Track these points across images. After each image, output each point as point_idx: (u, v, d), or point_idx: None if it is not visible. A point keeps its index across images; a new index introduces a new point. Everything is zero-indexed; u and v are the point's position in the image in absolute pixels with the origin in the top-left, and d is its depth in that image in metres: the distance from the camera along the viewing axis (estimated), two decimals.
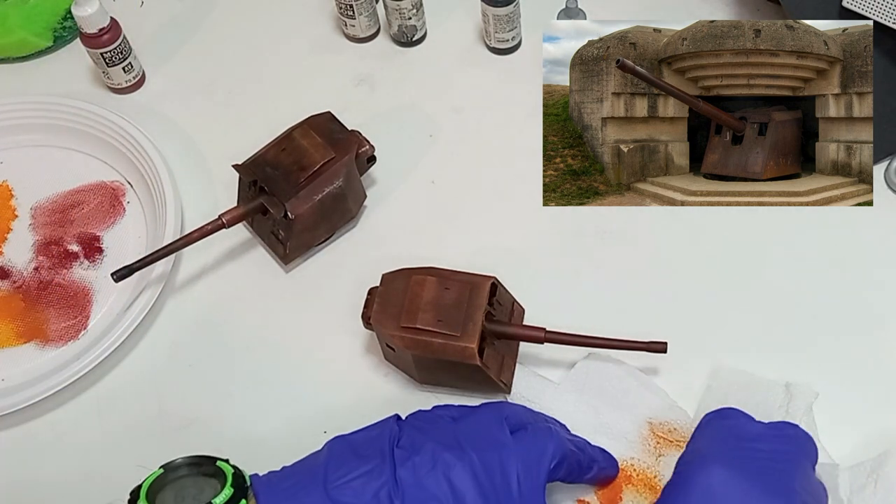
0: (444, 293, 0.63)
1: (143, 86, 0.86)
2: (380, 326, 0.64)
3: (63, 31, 0.88)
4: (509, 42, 0.84)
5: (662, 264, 0.73)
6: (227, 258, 0.76)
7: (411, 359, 0.64)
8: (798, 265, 0.72)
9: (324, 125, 0.74)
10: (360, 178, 0.75)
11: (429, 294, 0.63)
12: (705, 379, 0.66)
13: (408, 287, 0.64)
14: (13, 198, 0.81)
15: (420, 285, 0.64)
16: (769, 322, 0.69)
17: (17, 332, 0.74)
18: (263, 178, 0.71)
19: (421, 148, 0.80)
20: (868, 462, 0.61)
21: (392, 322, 0.63)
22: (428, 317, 0.63)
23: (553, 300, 0.70)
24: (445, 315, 0.62)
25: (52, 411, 0.70)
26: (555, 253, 0.74)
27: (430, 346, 0.62)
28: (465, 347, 0.62)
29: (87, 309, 0.75)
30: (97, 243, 0.78)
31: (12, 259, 0.77)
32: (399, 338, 0.63)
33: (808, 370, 0.66)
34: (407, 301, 0.63)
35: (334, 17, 0.88)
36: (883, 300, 0.70)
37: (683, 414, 0.64)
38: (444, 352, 0.62)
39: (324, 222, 0.73)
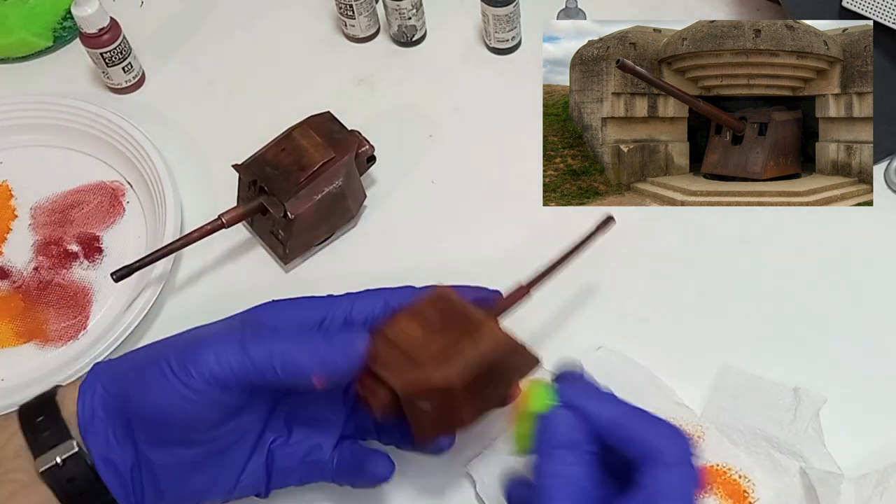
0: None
1: (142, 86, 0.86)
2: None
3: (63, 31, 0.88)
4: (509, 42, 0.84)
5: (662, 264, 0.73)
6: (227, 258, 0.76)
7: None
8: (798, 265, 0.72)
9: (323, 125, 0.74)
10: (359, 178, 0.75)
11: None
12: (707, 379, 0.66)
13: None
14: (13, 198, 0.81)
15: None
16: (769, 322, 0.69)
17: (17, 332, 0.74)
18: (263, 178, 0.71)
19: (421, 148, 0.80)
20: (874, 474, 0.60)
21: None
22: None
23: (553, 301, 0.70)
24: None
25: None
26: (555, 253, 0.74)
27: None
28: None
29: (87, 309, 0.75)
30: (97, 243, 0.78)
31: (12, 259, 0.77)
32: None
33: (810, 372, 0.66)
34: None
35: (334, 17, 0.88)
36: (883, 300, 0.70)
37: (689, 412, 0.64)
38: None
39: (323, 222, 0.73)
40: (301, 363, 0.51)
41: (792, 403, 0.63)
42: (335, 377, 0.52)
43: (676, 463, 0.46)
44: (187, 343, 0.53)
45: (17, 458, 0.52)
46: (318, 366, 0.51)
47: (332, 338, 0.53)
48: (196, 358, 0.51)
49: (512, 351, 0.55)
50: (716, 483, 0.62)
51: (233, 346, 0.51)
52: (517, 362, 0.56)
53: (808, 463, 0.61)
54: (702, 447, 0.63)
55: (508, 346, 0.55)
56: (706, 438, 0.63)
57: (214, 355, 0.51)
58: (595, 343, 0.68)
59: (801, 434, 0.62)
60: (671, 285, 0.71)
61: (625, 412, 0.48)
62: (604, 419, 0.47)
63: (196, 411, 0.51)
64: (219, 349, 0.51)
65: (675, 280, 0.72)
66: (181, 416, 0.51)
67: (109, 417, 0.52)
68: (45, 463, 0.51)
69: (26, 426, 0.53)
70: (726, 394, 0.65)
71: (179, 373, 0.50)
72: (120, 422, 0.52)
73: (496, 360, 0.54)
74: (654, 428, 0.47)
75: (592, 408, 0.48)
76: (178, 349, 0.52)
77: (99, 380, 0.53)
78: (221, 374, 0.50)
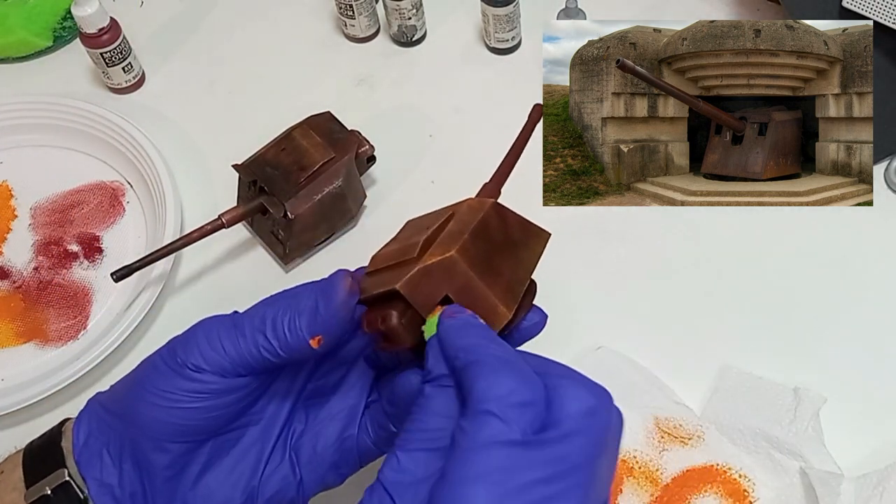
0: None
1: (142, 86, 0.86)
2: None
3: (63, 31, 0.88)
4: (509, 42, 0.84)
5: (662, 264, 0.73)
6: (226, 258, 0.76)
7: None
8: (797, 265, 0.72)
9: (323, 125, 0.74)
10: (359, 178, 0.75)
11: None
12: (707, 379, 0.66)
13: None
14: (13, 198, 0.81)
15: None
16: (769, 323, 0.69)
17: (17, 332, 0.74)
18: (263, 178, 0.71)
19: (421, 148, 0.80)
20: (874, 473, 0.60)
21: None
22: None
23: (553, 300, 0.70)
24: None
25: (52, 411, 0.70)
26: (555, 253, 0.74)
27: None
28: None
29: (87, 309, 0.75)
30: (97, 243, 0.78)
31: (12, 259, 0.77)
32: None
33: (810, 372, 0.66)
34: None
35: (334, 17, 0.88)
36: (883, 300, 0.70)
37: (689, 412, 0.64)
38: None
39: (324, 222, 0.73)
40: (287, 321, 0.47)
41: (792, 403, 0.63)
42: (326, 322, 0.46)
43: (482, 407, 0.38)
44: (177, 338, 0.49)
45: (13, 490, 0.50)
46: (306, 318, 0.46)
47: (310, 286, 0.48)
48: (187, 347, 0.47)
49: (505, 219, 0.49)
50: (716, 482, 0.62)
51: (224, 326, 0.47)
52: (521, 235, 0.50)
53: (807, 463, 0.61)
54: (702, 447, 0.63)
55: (498, 212, 0.49)
56: (706, 438, 0.63)
57: (206, 339, 0.47)
58: (595, 343, 0.68)
59: (801, 434, 0.62)
60: (671, 285, 0.71)
61: (474, 346, 0.41)
62: (451, 352, 0.41)
63: (198, 406, 0.47)
64: (209, 332, 0.47)
65: (675, 280, 0.72)
66: (182, 414, 0.47)
67: (105, 435, 0.49)
68: (35, 494, 0.49)
69: (27, 458, 0.51)
70: (726, 394, 0.65)
71: (173, 365, 0.47)
72: (116, 437, 0.49)
73: (490, 224, 0.48)
74: (486, 368, 0.39)
75: (449, 337, 0.42)
76: (168, 346, 0.48)
77: (97, 399, 0.51)
78: (216, 357, 0.46)
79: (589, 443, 0.39)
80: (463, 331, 0.43)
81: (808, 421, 0.62)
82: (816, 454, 0.61)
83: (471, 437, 0.38)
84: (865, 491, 0.60)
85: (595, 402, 0.40)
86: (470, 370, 0.40)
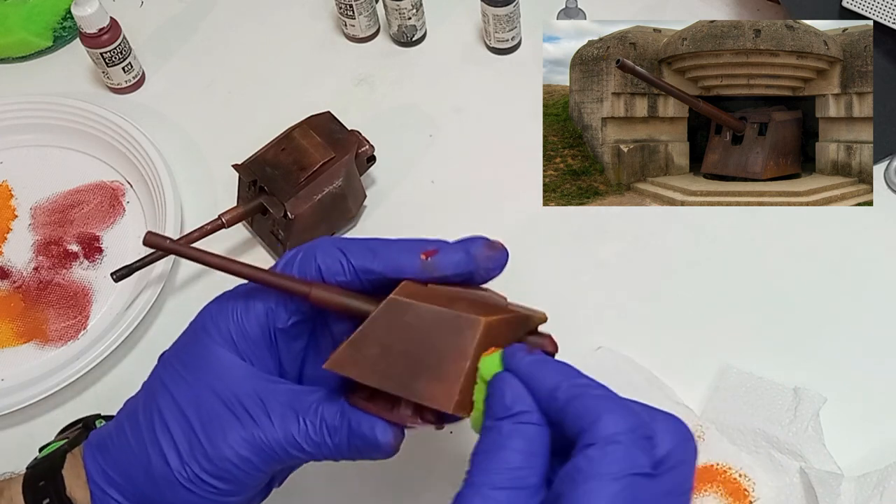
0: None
1: (142, 86, 0.86)
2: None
3: (63, 31, 0.88)
4: (509, 42, 0.84)
5: (662, 264, 0.73)
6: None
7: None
8: (797, 265, 0.72)
9: (323, 125, 0.74)
10: (359, 177, 0.75)
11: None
12: (707, 379, 0.66)
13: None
14: (13, 198, 0.81)
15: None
16: (769, 323, 0.69)
17: (17, 332, 0.74)
18: (263, 178, 0.71)
19: (421, 148, 0.80)
20: (874, 473, 0.60)
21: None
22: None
23: (553, 300, 0.70)
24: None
25: (52, 411, 0.70)
26: (555, 253, 0.74)
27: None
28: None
29: (87, 309, 0.75)
30: (97, 243, 0.78)
31: (12, 259, 0.77)
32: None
33: (810, 372, 0.66)
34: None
35: (334, 17, 0.88)
36: (883, 300, 0.70)
37: (689, 412, 0.64)
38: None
39: (323, 222, 0.73)
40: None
41: (792, 403, 0.63)
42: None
43: (614, 438, 0.38)
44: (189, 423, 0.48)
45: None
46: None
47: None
48: (213, 437, 0.47)
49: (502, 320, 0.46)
50: (716, 482, 0.62)
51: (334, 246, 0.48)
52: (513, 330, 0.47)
53: (807, 462, 0.61)
54: (702, 447, 0.63)
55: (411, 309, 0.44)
56: (706, 438, 0.63)
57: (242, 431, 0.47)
58: (595, 343, 0.68)
59: (801, 434, 0.62)
60: (671, 285, 0.71)
61: (572, 382, 0.41)
62: (546, 388, 0.41)
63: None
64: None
65: (675, 280, 0.72)
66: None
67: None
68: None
69: (27, 489, 0.50)
70: (726, 394, 0.65)
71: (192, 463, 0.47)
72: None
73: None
74: (601, 402, 0.39)
75: (535, 373, 0.41)
76: (178, 434, 0.48)
77: (101, 462, 0.50)
78: (254, 447, 0.47)
79: (692, 468, 0.41)
80: (550, 366, 0.43)
81: (807, 421, 0.62)
82: (816, 454, 0.61)
83: (603, 468, 0.38)
84: (865, 491, 0.60)
85: (685, 430, 0.42)
86: (580, 403, 0.40)
